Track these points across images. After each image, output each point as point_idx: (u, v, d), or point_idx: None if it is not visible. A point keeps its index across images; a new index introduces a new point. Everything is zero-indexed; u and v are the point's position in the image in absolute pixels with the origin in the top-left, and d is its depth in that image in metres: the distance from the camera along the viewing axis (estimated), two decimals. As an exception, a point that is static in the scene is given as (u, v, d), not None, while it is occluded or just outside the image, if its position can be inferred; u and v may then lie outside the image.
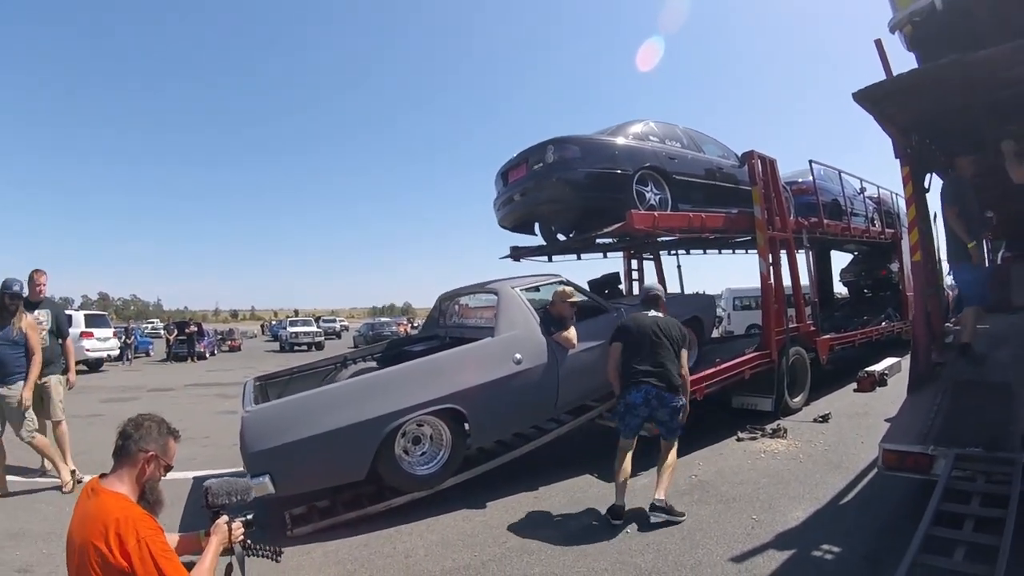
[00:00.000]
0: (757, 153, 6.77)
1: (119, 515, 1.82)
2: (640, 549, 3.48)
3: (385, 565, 3.43)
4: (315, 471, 3.94)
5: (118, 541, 1.77)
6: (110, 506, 1.85)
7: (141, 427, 2.05)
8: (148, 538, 1.82)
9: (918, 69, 4.20)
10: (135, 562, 1.76)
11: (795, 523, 3.75)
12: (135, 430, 2.03)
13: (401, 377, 4.29)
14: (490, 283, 5.34)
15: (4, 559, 3.56)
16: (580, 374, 4.89)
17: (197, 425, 7.52)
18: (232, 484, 2.24)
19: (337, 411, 3.95)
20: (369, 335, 28.29)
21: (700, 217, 6.49)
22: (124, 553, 1.77)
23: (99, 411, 8.92)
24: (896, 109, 4.43)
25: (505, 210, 6.82)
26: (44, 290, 5.42)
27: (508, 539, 3.74)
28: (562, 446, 5.34)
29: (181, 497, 4.63)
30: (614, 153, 6.07)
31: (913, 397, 4.40)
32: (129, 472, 1.99)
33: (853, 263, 13.05)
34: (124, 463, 2.00)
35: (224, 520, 2.17)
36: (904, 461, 3.45)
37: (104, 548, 1.77)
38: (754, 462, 5.11)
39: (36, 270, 5.35)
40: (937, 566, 2.57)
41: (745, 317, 18.22)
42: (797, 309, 7.42)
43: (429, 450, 4.38)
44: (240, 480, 2.30)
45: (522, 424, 4.97)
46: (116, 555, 1.76)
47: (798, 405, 6.97)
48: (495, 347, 4.60)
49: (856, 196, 10.27)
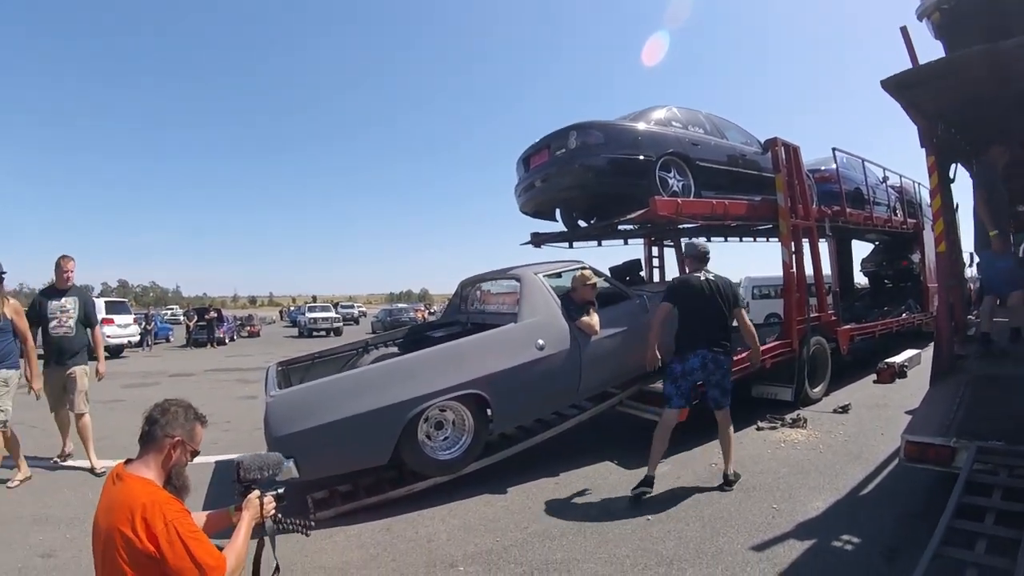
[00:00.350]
0: (781, 140, 6.70)
1: (145, 500, 1.82)
2: (661, 536, 3.49)
3: (408, 549, 3.47)
4: (339, 456, 3.97)
5: (144, 526, 1.77)
6: (136, 491, 1.85)
7: (167, 412, 2.04)
8: (175, 520, 1.82)
9: (947, 57, 4.13)
10: (163, 545, 1.76)
11: (815, 513, 3.74)
12: (161, 415, 2.02)
13: (424, 362, 4.30)
14: (512, 269, 5.33)
15: (29, 543, 3.62)
16: (602, 360, 4.89)
17: (218, 410, 7.62)
18: (264, 459, 2.24)
19: (361, 396, 3.97)
20: (387, 321, 28.61)
21: (723, 204, 6.43)
22: (151, 537, 1.77)
23: (120, 397, 9.10)
24: (924, 97, 4.36)
25: (526, 196, 6.81)
26: (72, 277, 5.31)
27: (529, 524, 3.77)
28: (582, 433, 5.36)
29: (204, 481, 4.70)
30: (637, 139, 6.02)
31: (935, 389, 4.37)
32: (155, 457, 1.98)
33: (874, 253, 12.86)
34: (150, 448, 1.99)
35: (256, 495, 2.16)
36: (926, 453, 3.43)
37: (130, 533, 1.77)
38: (774, 451, 5.10)
39: (63, 256, 5.25)
40: (959, 559, 2.56)
41: (764, 306, 18.03)
42: (819, 298, 7.35)
43: (451, 435, 4.40)
44: (272, 455, 2.31)
45: (544, 410, 4.98)
46: (143, 540, 1.76)
47: (818, 395, 6.93)
48: (518, 333, 4.60)
49: (879, 185, 10.12)
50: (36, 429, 5.76)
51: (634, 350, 5.00)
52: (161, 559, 1.77)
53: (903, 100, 4.34)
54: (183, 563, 1.79)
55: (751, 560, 3.15)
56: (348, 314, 39.38)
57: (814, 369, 6.90)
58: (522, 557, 3.31)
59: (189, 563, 1.80)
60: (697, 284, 4.35)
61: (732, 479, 4.27)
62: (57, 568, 3.29)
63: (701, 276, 4.41)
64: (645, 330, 4.69)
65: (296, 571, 3.20)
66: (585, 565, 3.18)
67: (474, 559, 3.31)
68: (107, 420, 7.09)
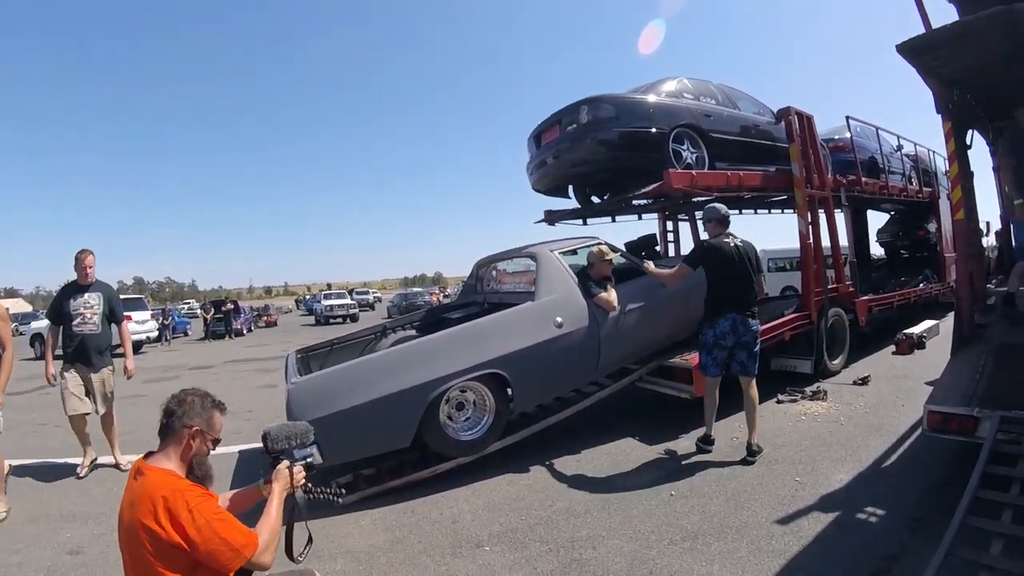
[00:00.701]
0: (794, 109, 6.59)
1: (166, 491, 1.80)
2: (686, 511, 3.51)
3: (433, 530, 3.50)
4: (361, 440, 4.00)
5: (168, 515, 1.75)
6: (157, 483, 1.84)
7: (184, 403, 2.02)
8: (199, 506, 1.81)
9: (962, 20, 4.04)
10: (190, 532, 1.75)
11: (838, 485, 3.74)
12: (178, 406, 2.01)
13: (443, 344, 4.30)
14: (528, 247, 5.30)
15: (57, 540, 3.67)
16: (621, 336, 4.88)
17: (239, 400, 7.71)
18: (291, 428, 2.23)
19: (381, 380, 3.99)
20: (403, 305, 28.74)
21: (738, 175, 6.37)
22: (177, 526, 1.75)
23: (141, 392, 9.19)
24: (938, 62, 4.27)
25: (539, 173, 6.76)
26: (92, 272, 5.07)
27: (554, 502, 3.79)
28: (604, 410, 5.37)
29: (228, 470, 4.79)
30: (649, 111, 5.95)
31: (956, 359, 4.33)
32: (175, 449, 1.97)
33: (890, 223, 12.70)
34: (170, 440, 1.98)
35: (285, 464, 2.14)
36: (948, 423, 3.41)
37: (155, 526, 1.75)
38: (795, 424, 5.09)
39: (82, 250, 5.05)
40: (985, 528, 2.54)
41: (780, 279, 17.81)
42: (836, 270, 7.26)
43: (473, 415, 4.43)
44: (299, 423, 2.29)
45: (564, 387, 4.99)
46: (168, 530, 1.75)
47: (837, 367, 6.89)
48: (536, 311, 4.60)
49: (893, 154, 9.94)
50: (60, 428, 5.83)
51: (653, 325, 4.98)
52: (191, 546, 1.76)
53: (918, 65, 4.25)
54: (213, 546, 1.78)
55: (775, 533, 3.16)
56: (364, 300, 39.69)
57: (833, 341, 6.84)
58: (547, 535, 3.33)
59: (220, 545, 1.79)
60: (728, 249, 4.40)
61: (756, 450, 4.31)
62: (85, 564, 3.33)
63: (730, 241, 4.45)
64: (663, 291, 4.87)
65: (323, 556, 3.24)
66: (610, 541, 3.21)
67: (499, 538, 3.34)
68: (129, 415, 7.18)
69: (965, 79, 4.60)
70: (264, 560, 1.90)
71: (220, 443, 2.12)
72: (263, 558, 1.90)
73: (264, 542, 1.92)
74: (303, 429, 2.24)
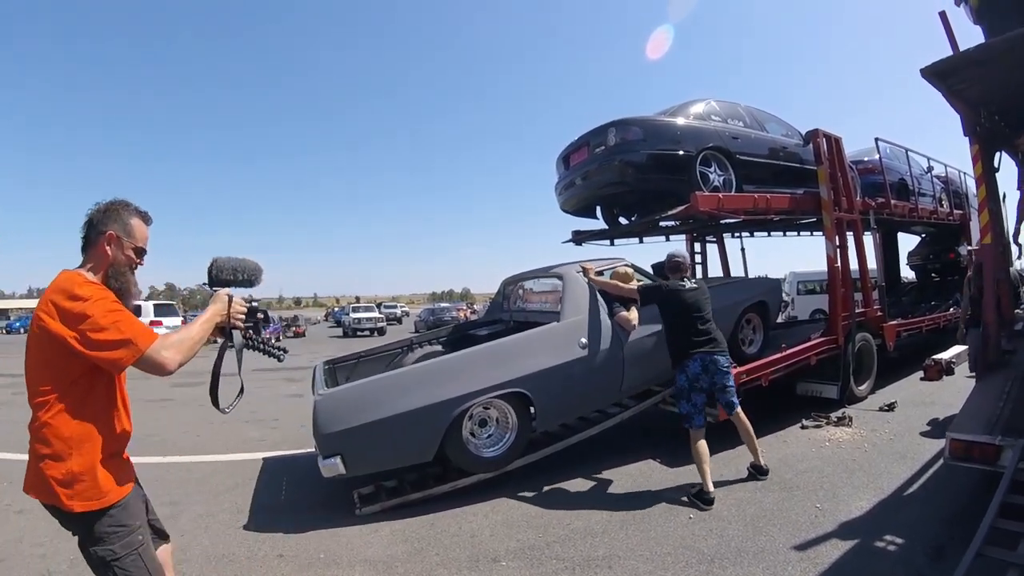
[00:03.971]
0: (822, 131, 6.58)
1: (64, 283, 1.71)
2: (703, 534, 3.51)
3: (452, 544, 3.55)
4: (384, 452, 4.06)
5: (59, 304, 1.66)
6: (59, 279, 1.75)
7: (105, 211, 1.88)
8: (93, 295, 1.70)
9: (987, 42, 4.02)
10: (78, 319, 1.65)
11: (859, 512, 3.71)
12: (98, 214, 1.88)
13: (468, 361, 4.36)
14: (555, 267, 5.34)
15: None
16: (645, 359, 4.90)
17: (266, 408, 7.87)
18: (242, 261, 2.08)
19: (406, 394, 4.05)
20: (430, 320, 29.00)
21: (765, 198, 6.36)
22: (66, 314, 1.65)
23: (170, 395, 9.42)
24: (965, 85, 4.25)
25: (567, 194, 6.83)
26: None
27: (572, 521, 3.81)
28: (626, 431, 5.40)
29: (251, 477, 4.92)
30: (676, 134, 5.99)
31: (982, 385, 4.27)
32: (93, 259, 1.85)
33: (920, 246, 12.50)
34: (88, 251, 1.86)
35: (227, 291, 1.99)
36: (971, 451, 3.37)
37: (44, 316, 1.66)
38: (818, 450, 5.05)
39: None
40: (1001, 559, 2.52)
41: (809, 302, 17.69)
42: (864, 293, 7.20)
43: (495, 433, 4.47)
44: (250, 261, 2.15)
45: (587, 408, 5.01)
46: (56, 319, 1.65)
47: (864, 393, 6.81)
48: (561, 331, 4.64)
49: (923, 175, 9.83)
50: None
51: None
52: (81, 337, 1.64)
53: (944, 88, 4.23)
54: (103, 335, 1.67)
55: (792, 559, 3.15)
56: (391, 314, 39.90)
57: (860, 366, 6.77)
58: (564, 553, 3.36)
59: (111, 334, 1.67)
60: (684, 291, 4.40)
61: (765, 468, 4.36)
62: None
63: (685, 284, 4.48)
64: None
65: (342, 563, 3.32)
66: (627, 562, 3.22)
67: (517, 554, 3.37)
68: (157, 418, 7.39)
69: (992, 100, 4.57)
70: (164, 357, 1.75)
71: (146, 254, 1.98)
72: (163, 354, 1.74)
73: (169, 342, 1.77)
74: (253, 268, 2.13)
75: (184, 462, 5.42)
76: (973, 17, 4.40)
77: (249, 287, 2.11)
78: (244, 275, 2.06)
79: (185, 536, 3.73)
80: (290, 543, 3.60)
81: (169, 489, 4.69)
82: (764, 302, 6.42)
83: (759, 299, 6.31)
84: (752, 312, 6.20)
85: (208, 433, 6.62)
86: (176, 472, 5.14)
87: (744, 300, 6.05)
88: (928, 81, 4.11)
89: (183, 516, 4.10)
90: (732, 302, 5.82)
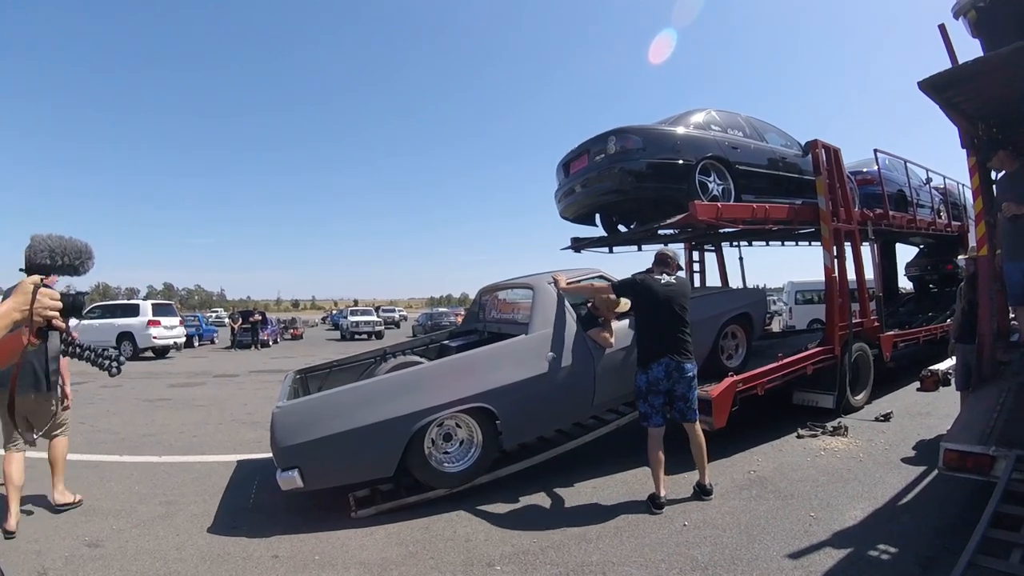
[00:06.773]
0: (821, 142, 6.63)
1: None
2: (697, 542, 3.51)
3: (446, 548, 3.55)
4: (343, 466, 4.02)
5: None
6: None
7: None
8: None
9: (985, 56, 4.05)
10: None
11: (853, 522, 3.72)
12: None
13: (431, 375, 4.30)
14: (527, 277, 5.25)
15: (76, 533, 3.81)
16: (619, 373, 4.74)
17: (262, 410, 7.84)
18: (67, 242, 1.65)
19: (365, 408, 4.00)
20: (427, 324, 28.84)
21: (764, 208, 6.39)
22: None
23: (166, 395, 9.45)
24: (962, 98, 4.28)
25: (566, 201, 6.85)
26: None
27: (567, 527, 3.81)
28: (621, 438, 5.38)
29: (248, 478, 4.94)
30: (676, 143, 6.02)
31: (976, 396, 4.29)
32: None
33: (918, 257, 12.57)
34: None
35: (35, 278, 1.51)
36: (964, 461, 3.39)
37: None
38: (814, 459, 5.06)
39: None
40: (993, 568, 2.53)
41: (808, 311, 17.70)
42: (861, 304, 7.22)
43: (460, 448, 4.39)
44: (78, 240, 1.69)
45: (557, 424, 4.90)
46: None
47: (860, 403, 6.83)
48: (528, 345, 4.52)
49: (922, 187, 9.91)
50: (84, 425, 6.00)
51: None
52: None
53: (941, 101, 4.27)
54: None
55: (786, 568, 3.15)
56: (389, 318, 39.93)
57: (856, 376, 6.80)
58: (558, 558, 3.36)
59: None
60: (658, 287, 4.25)
61: (709, 488, 4.21)
62: (103, 557, 3.45)
63: (661, 278, 4.32)
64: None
65: (336, 565, 3.32)
66: (621, 568, 3.22)
67: (511, 559, 3.37)
68: (154, 418, 7.41)
69: (990, 114, 4.60)
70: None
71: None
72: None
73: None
74: (78, 248, 1.67)
75: (180, 462, 5.44)
76: (971, 31, 4.44)
77: (74, 274, 1.66)
78: (66, 259, 1.62)
79: (181, 536, 3.75)
80: (285, 544, 3.61)
81: (165, 489, 4.71)
82: (747, 314, 6.24)
83: (742, 311, 6.14)
84: (735, 324, 6.08)
85: (204, 433, 6.64)
86: (172, 472, 5.15)
87: (726, 312, 5.92)
88: (925, 94, 4.14)
89: (179, 515, 4.11)
90: (714, 313, 5.72)
